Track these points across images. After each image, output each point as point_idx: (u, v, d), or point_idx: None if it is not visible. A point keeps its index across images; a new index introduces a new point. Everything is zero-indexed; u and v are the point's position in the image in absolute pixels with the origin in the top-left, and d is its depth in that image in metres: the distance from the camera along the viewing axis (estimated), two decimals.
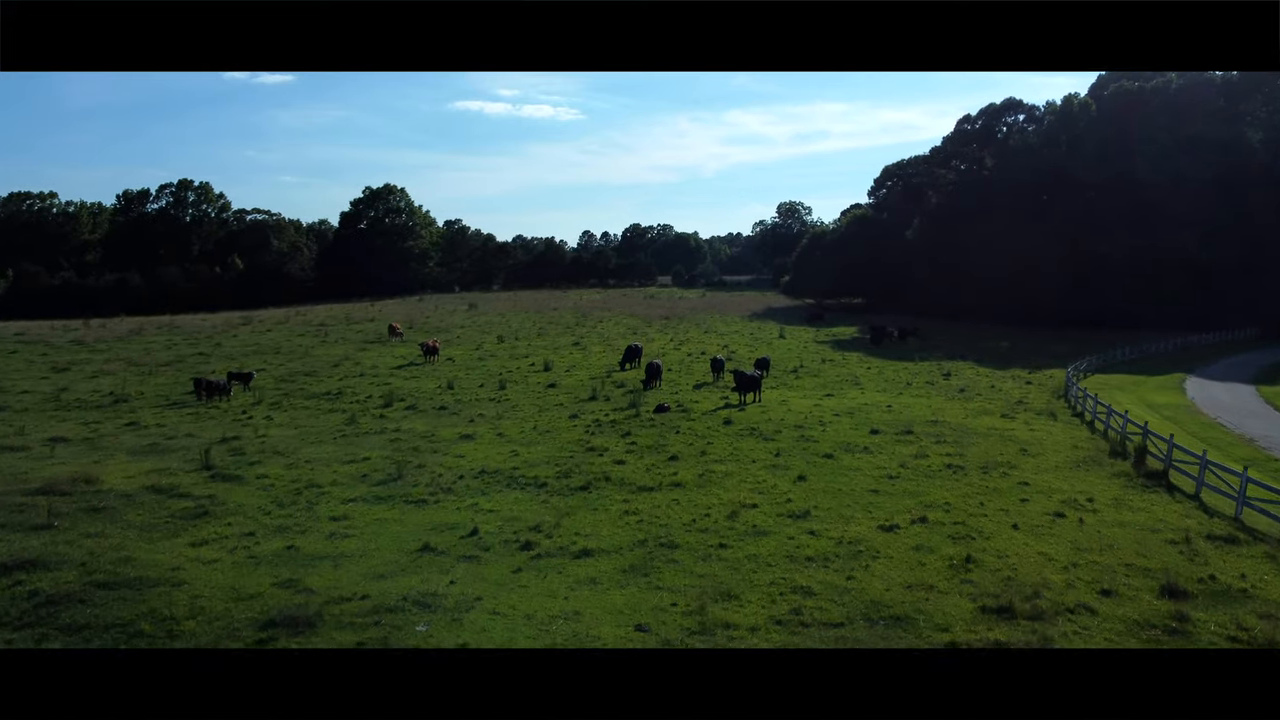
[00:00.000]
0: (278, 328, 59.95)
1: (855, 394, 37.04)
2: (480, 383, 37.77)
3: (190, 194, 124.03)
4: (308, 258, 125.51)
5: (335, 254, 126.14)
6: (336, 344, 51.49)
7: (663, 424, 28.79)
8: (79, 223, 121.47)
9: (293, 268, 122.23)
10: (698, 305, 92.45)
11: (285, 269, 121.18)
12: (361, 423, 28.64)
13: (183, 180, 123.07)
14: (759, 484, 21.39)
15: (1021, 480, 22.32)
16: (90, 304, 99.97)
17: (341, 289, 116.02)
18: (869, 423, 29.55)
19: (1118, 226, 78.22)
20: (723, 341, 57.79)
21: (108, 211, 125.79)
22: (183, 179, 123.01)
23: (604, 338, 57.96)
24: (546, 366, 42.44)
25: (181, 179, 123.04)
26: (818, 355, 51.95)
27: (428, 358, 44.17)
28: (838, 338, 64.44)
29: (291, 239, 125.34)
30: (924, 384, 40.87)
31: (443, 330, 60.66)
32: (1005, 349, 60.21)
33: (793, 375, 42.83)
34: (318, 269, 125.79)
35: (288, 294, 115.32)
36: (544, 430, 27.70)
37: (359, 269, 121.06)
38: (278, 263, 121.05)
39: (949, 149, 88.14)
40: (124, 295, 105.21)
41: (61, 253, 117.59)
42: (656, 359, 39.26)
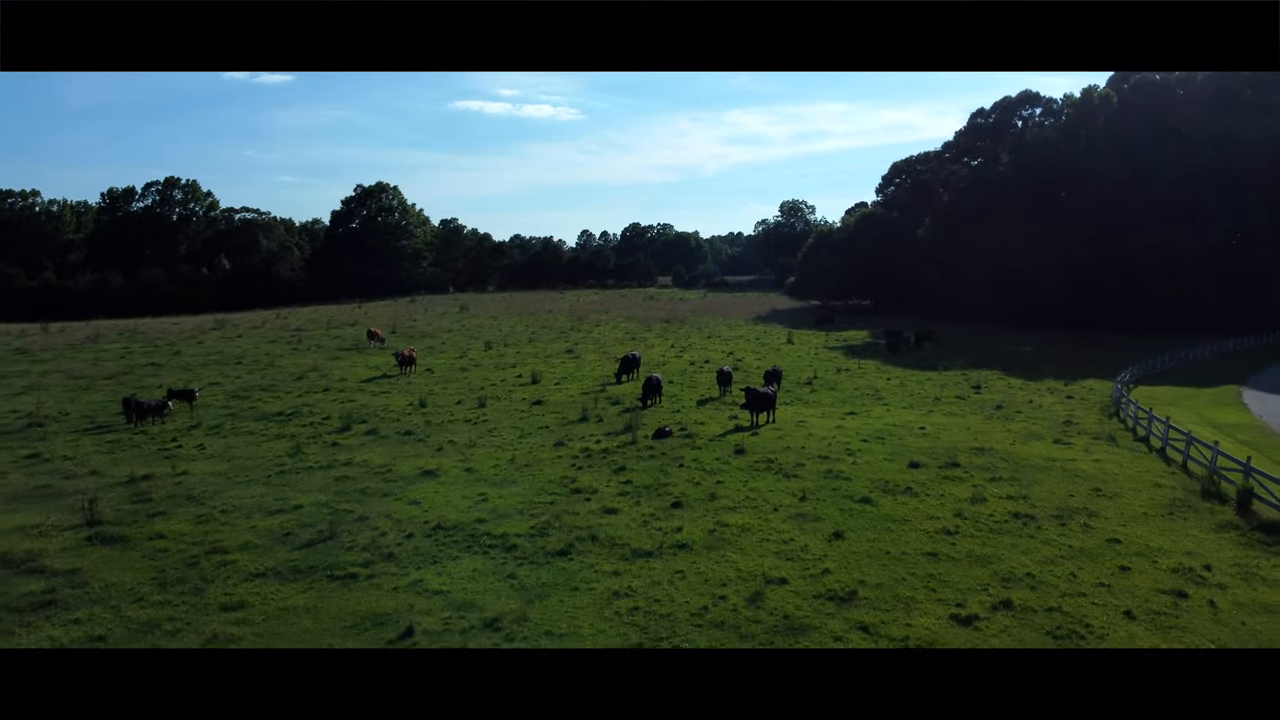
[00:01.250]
0: (251, 333, 55.31)
1: (880, 412, 32.45)
2: (458, 399, 33.14)
3: (177, 192, 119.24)
4: (298, 258, 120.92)
5: (326, 254, 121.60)
6: (309, 352, 46.86)
7: (663, 454, 24.21)
8: (62, 222, 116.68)
9: (282, 268, 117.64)
10: (699, 307, 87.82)
11: (274, 269, 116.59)
12: (308, 453, 24.01)
13: (169, 178, 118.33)
14: (785, 544, 16.80)
15: (1110, 536, 17.72)
16: (70, 306, 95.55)
17: (332, 290, 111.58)
18: (905, 452, 24.96)
19: (1140, 225, 73.53)
20: (727, 348, 53.21)
21: (93, 210, 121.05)
22: (169, 176, 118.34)
23: (599, 344, 53.36)
24: (534, 379, 37.81)
25: (168, 176, 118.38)
26: (831, 364, 47.32)
27: (403, 369, 39.52)
28: (849, 343, 59.83)
29: (281, 239, 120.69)
30: (953, 398, 36.28)
31: (428, 335, 56.05)
32: (1029, 355, 55.63)
33: (807, 388, 38.23)
34: (308, 269, 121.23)
35: (276, 295, 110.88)
36: (522, 464, 23.08)
37: (350, 269, 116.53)
38: (266, 263, 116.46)
39: (962, 144, 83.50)
40: (104, 297, 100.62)
41: (44, 252, 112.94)
42: (656, 373, 34.59)
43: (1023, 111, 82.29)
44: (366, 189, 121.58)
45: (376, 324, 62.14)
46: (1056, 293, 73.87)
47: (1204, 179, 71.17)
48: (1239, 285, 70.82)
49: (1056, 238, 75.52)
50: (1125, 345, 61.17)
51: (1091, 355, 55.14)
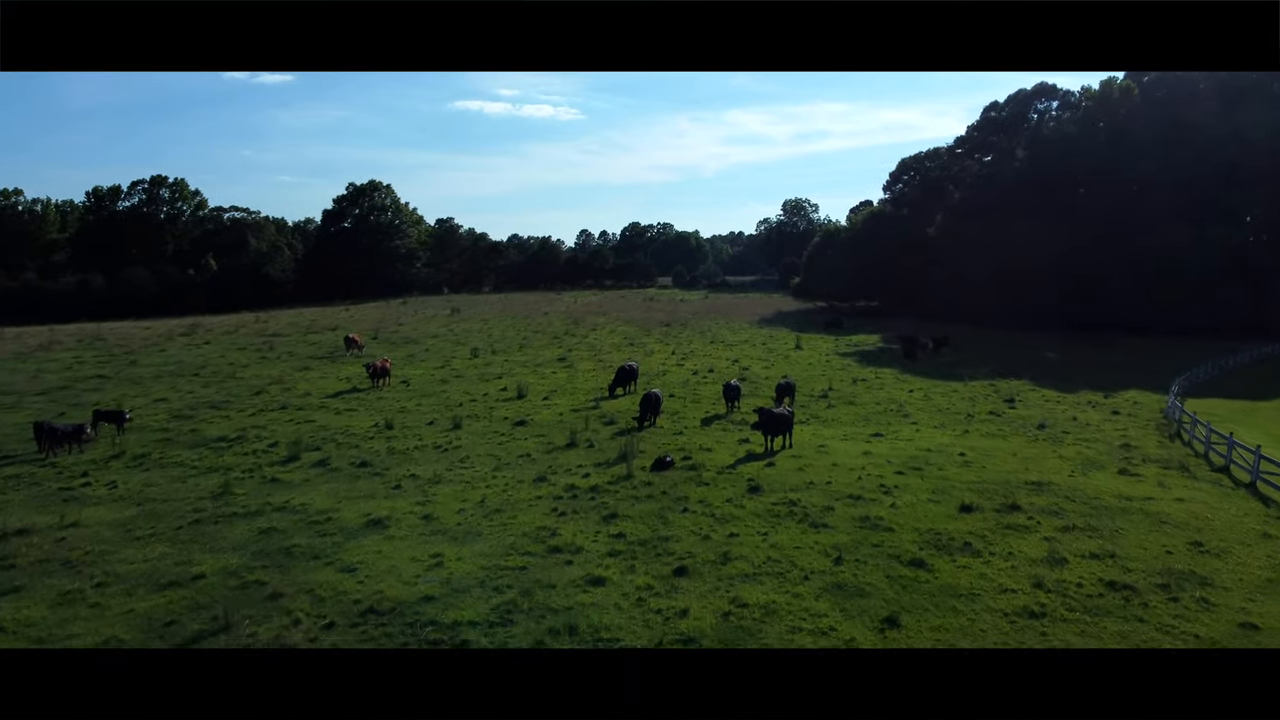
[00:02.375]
0: (222, 339, 51.14)
1: (909, 433, 28.34)
2: (430, 418, 28.98)
3: (164, 191, 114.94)
4: (288, 258, 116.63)
5: (317, 254, 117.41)
6: (278, 360, 42.70)
7: (663, 492, 20.08)
8: (46, 222, 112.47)
9: (272, 269, 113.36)
10: (700, 309, 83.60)
11: (264, 270, 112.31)
12: (237, 493, 19.86)
13: (156, 176, 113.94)
14: (823, 634, 12.68)
15: (1240, 619, 13.60)
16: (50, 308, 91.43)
17: (323, 291, 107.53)
18: (950, 488, 20.82)
19: (1162, 222, 69.27)
20: (731, 355, 49.05)
21: (78, 210, 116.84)
22: (155, 175, 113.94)
23: (595, 350, 49.21)
24: (520, 393, 33.64)
25: (154, 175, 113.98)
26: (845, 373, 43.14)
27: (375, 382, 35.30)
28: (861, 348, 55.63)
29: (271, 239, 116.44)
30: (987, 415, 32.15)
31: (412, 341, 51.87)
32: (1053, 361, 51.48)
33: (823, 402, 34.09)
34: (299, 270, 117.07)
35: (266, 296, 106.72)
36: (493, 508, 18.92)
37: (342, 270, 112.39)
38: (256, 263, 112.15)
39: (974, 139, 79.22)
40: (86, 298, 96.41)
41: (26, 253, 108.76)
42: (655, 387, 30.36)
43: (1038, 104, 78.01)
44: (359, 187, 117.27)
45: (359, 328, 58.00)
46: (1077, 294, 69.71)
47: (1230, 175, 66.97)
48: (1269, 286, 66.73)
49: (1073, 236, 71.34)
50: (1151, 349, 57.09)
51: (1119, 360, 51.02)
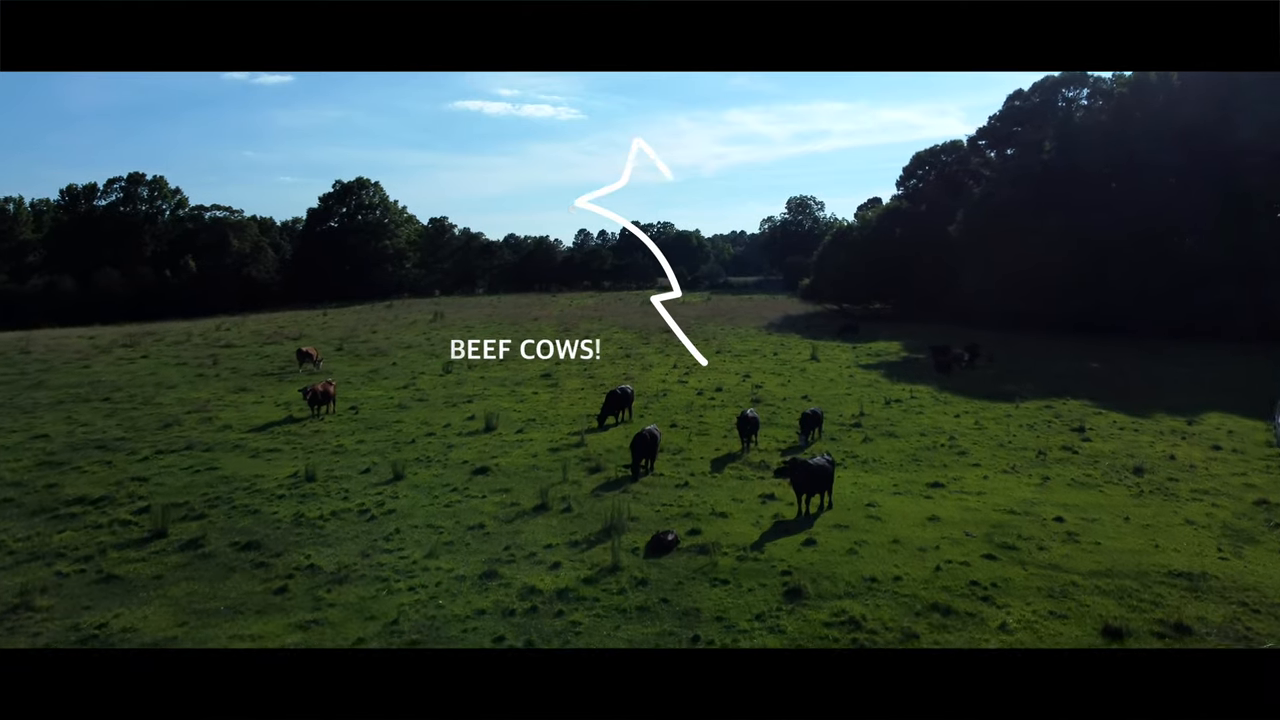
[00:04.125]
0: (164, 351, 44.68)
1: (975, 480, 21.94)
2: (368, 464, 22.55)
3: (143, 189, 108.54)
4: (272, 259, 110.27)
5: (303, 255, 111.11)
6: (215, 379, 36.26)
7: (663, 600, 13.62)
8: (17, 222, 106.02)
9: (255, 270, 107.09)
10: (703, 313, 77.08)
11: (246, 271, 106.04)
12: (38, 607, 13.43)
13: (133, 174, 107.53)
14: None
15: None
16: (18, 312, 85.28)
17: (309, 293, 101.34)
18: (1067, 585, 14.37)
19: (1207, 220, 62.81)
20: (740, 367, 42.62)
21: (52, 208, 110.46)
22: (133, 172, 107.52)
23: (585, 364, 42.80)
24: (489, 424, 27.18)
25: (132, 172, 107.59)
26: (874, 390, 36.65)
27: (315, 410, 28.80)
28: (883, 358, 49.14)
29: (255, 239, 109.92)
30: (1060, 451, 25.75)
31: (381, 354, 45.42)
32: (1102, 373, 44.97)
33: (856, 433, 27.69)
34: (283, 271, 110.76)
35: (248, 299, 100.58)
36: (408, 637, 12.48)
37: (329, 271, 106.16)
38: (237, 264, 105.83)
39: (998, 130, 72.72)
40: (54, 302, 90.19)
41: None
42: (650, 426, 23.64)
43: (1067, 91, 71.48)
44: (346, 185, 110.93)
45: (327, 336, 51.64)
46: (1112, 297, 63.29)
47: None
48: None
49: (1107, 234, 64.90)
50: (1205, 357, 50.56)
51: (1178, 374, 44.48)
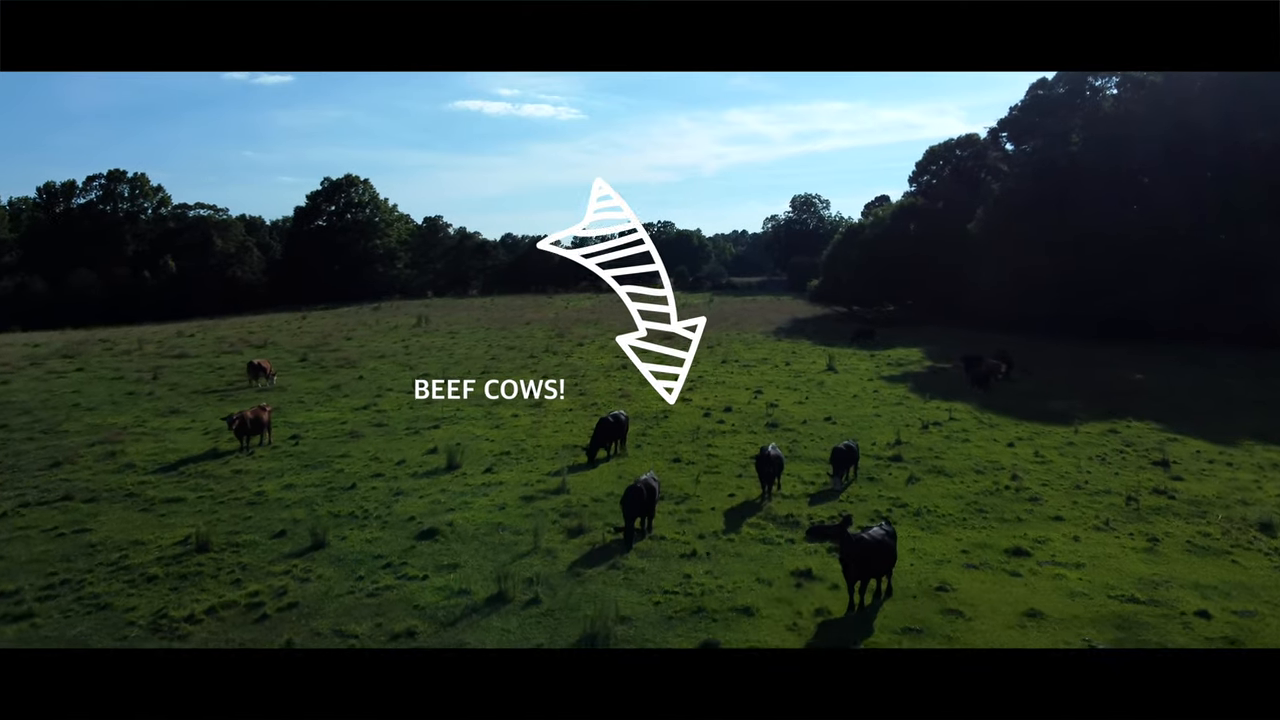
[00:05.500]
0: (110, 361, 39.57)
1: (1063, 542, 16.90)
2: (284, 524, 17.43)
3: (123, 187, 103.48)
4: (258, 259, 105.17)
5: (290, 255, 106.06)
6: (146, 398, 31.13)
7: None
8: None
9: (240, 270, 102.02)
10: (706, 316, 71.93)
11: (230, 272, 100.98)
12: None
13: (113, 171, 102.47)
14: None
15: None
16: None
17: (295, 295, 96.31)
18: None
19: (1249, 217, 57.73)
20: (751, 380, 37.59)
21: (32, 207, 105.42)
22: (113, 170, 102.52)
23: (577, 376, 37.74)
24: (451, 462, 22.04)
25: (112, 170, 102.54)
26: (906, 410, 31.49)
27: (244, 442, 23.55)
28: (906, 368, 44.01)
29: (240, 238, 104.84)
30: (1152, 494, 20.73)
31: (350, 365, 40.32)
32: (1153, 387, 39.80)
33: (899, 470, 22.62)
34: (270, 272, 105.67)
35: (231, 301, 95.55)
36: None
37: (319, 271, 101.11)
38: (221, 265, 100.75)
39: (1020, 120, 67.57)
40: (23, 304, 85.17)
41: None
42: (647, 474, 18.14)
43: (1094, 80, 66.31)
44: (334, 182, 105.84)
45: (293, 345, 46.53)
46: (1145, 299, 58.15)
47: None
48: None
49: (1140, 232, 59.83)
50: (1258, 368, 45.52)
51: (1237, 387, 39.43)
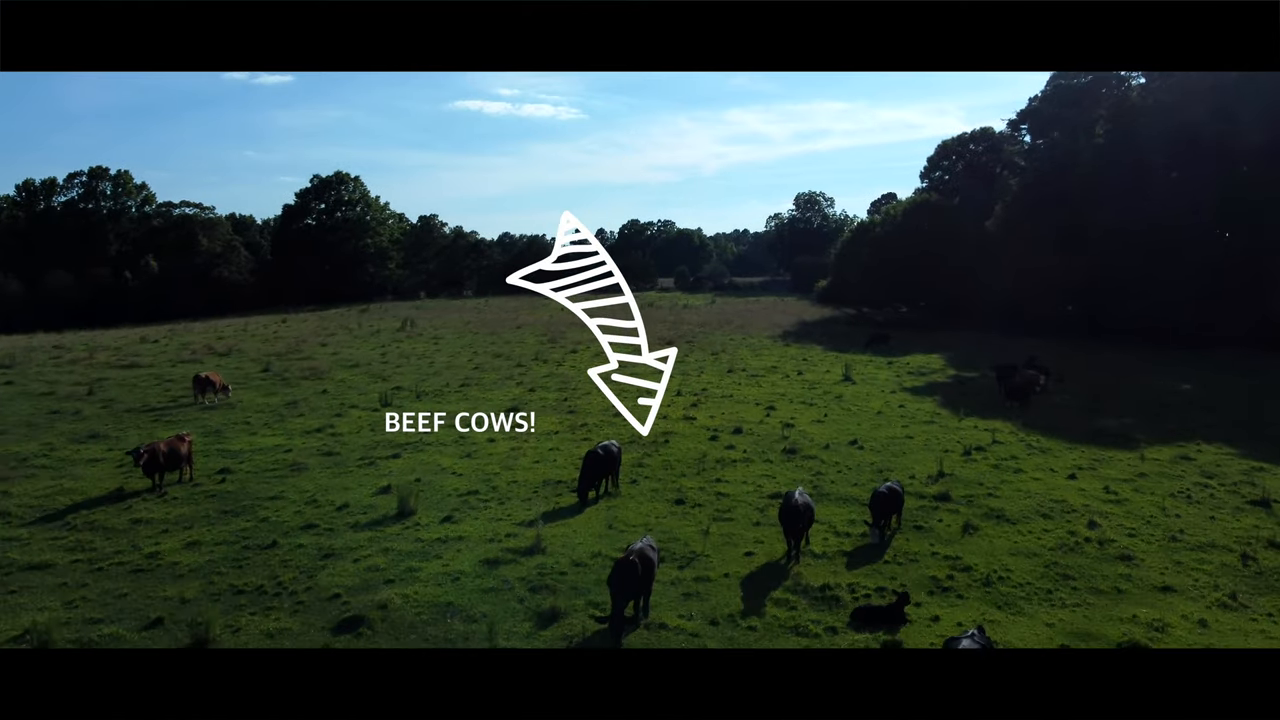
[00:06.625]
0: (46, 373, 35.46)
1: (1182, 627, 13.00)
2: (159, 613, 13.31)
3: (105, 185, 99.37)
4: (245, 259, 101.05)
5: (278, 254, 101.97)
6: (69, 419, 27.02)
7: None
8: None
9: (226, 271, 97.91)
10: (709, 318, 67.84)
11: (216, 272, 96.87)
12: None
13: (95, 168, 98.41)
14: None
15: None
16: None
17: (283, 295, 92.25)
18: None
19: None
20: (760, 394, 33.45)
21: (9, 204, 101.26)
22: (95, 166, 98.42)
23: (567, 389, 33.63)
24: (402, 510, 17.91)
25: (93, 166, 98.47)
26: (940, 430, 27.38)
27: (155, 480, 19.24)
28: (929, 378, 39.88)
29: (226, 237, 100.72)
30: (1267, 549, 16.68)
31: (316, 375, 36.21)
32: (1201, 397, 35.57)
33: (946, 512, 18.57)
34: (258, 272, 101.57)
35: (217, 302, 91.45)
36: None
37: (307, 271, 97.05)
38: (206, 265, 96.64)
39: (1041, 112, 63.40)
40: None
41: None
42: (642, 541, 13.64)
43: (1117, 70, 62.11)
44: (324, 179, 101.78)
45: (260, 353, 42.42)
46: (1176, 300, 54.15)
47: None
48: None
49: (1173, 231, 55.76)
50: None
51: None
